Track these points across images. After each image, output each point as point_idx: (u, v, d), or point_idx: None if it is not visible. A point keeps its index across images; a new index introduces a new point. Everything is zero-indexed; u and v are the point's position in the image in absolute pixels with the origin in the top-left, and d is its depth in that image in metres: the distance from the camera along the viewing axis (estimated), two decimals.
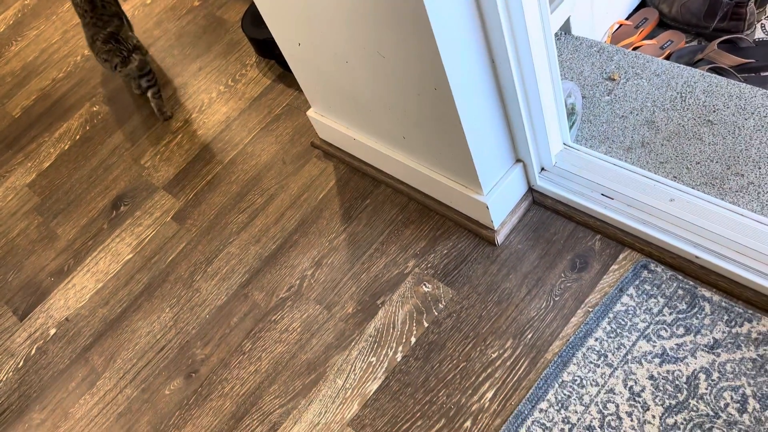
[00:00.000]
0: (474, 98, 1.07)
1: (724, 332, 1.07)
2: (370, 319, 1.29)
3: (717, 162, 1.24)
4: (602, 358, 1.10)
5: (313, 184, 1.56)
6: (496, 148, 1.19)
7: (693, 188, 1.20)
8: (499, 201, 1.25)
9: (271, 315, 1.37)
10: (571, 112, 1.36)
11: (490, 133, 1.15)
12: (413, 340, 1.24)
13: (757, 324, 1.06)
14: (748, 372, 1.03)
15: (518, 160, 1.26)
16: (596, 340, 1.12)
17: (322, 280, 1.38)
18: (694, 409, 1.02)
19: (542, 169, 1.28)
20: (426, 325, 1.25)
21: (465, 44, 1.00)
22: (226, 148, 1.72)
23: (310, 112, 1.53)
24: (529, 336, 1.17)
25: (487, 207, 1.23)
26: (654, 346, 1.09)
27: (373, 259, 1.38)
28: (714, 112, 1.31)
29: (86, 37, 1.84)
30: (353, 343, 1.27)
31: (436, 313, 1.26)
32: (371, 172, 1.49)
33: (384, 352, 1.25)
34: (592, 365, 1.10)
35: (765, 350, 1.04)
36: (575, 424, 1.06)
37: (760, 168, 1.22)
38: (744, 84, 1.34)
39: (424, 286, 1.30)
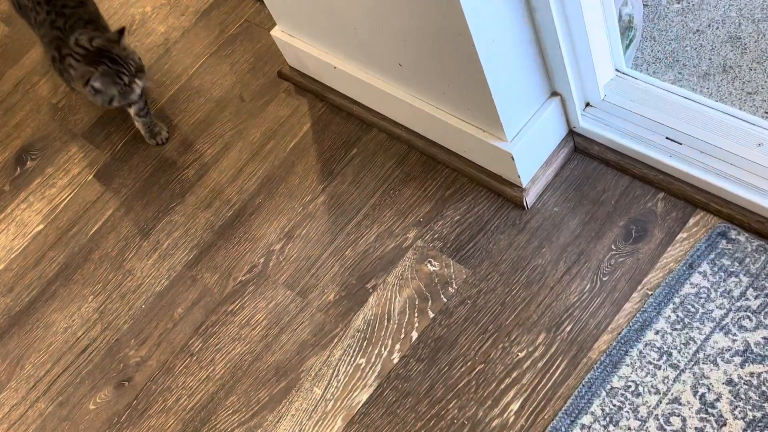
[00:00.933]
0: (490, 7, 1.05)
1: None
2: (357, 308, 1.30)
3: None
4: (665, 358, 1.10)
5: (281, 128, 1.55)
6: (523, 77, 1.18)
7: None
8: (528, 149, 1.24)
9: (228, 304, 1.38)
10: (627, 27, 1.34)
11: (514, 56, 1.13)
12: (415, 335, 1.25)
13: None
14: None
15: (554, 94, 1.24)
16: (657, 333, 1.12)
17: (295, 257, 1.38)
18: None
19: (587, 104, 1.27)
20: (432, 315, 1.25)
21: None
22: (165, 82, 1.71)
23: (275, 32, 1.51)
24: (568, 329, 1.17)
25: (512, 157, 1.22)
26: (734, 341, 1.09)
27: (361, 228, 1.37)
28: None
29: (46, 52, 1.54)
30: (336, 341, 1.28)
31: (446, 300, 1.26)
32: (358, 111, 1.48)
33: (376, 351, 1.25)
34: (651, 367, 1.10)
35: None
36: None
37: None
38: None
39: (429, 264, 1.30)
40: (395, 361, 1.23)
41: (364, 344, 1.26)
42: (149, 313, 1.41)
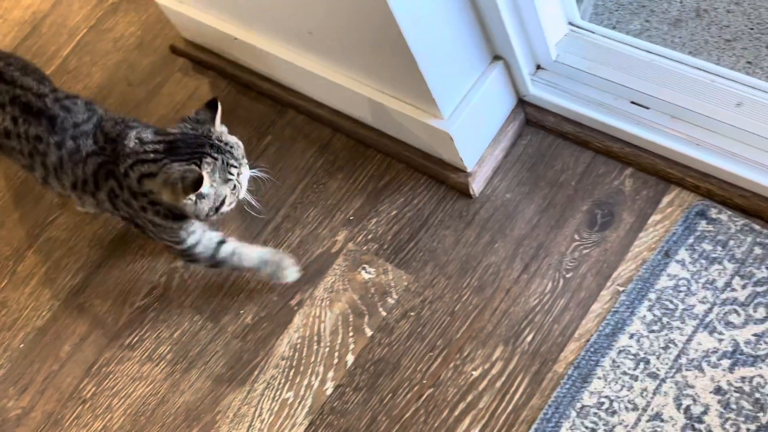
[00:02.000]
0: None
1: None
2: (281, 331, 1.30)
3: None
4: (642, 366, 1.11)
5: (178, 115, 1.52)
6: (455, 39, 1.17)
7: None
8: (470, 126, 1.24)
9: (125, 337, 1.37)
10: None
11: (442, 14, 1.13)
12: (350, 359, 1.25)
13: None
14: None
15: (497, 58, 1.24)
16: (632, 337, 1.13)
17: (202, 273, 1.38)
18: None
19: (537, 67, 1.27)
20: (369, 333, 1.26)
21: None
22: (35, 63, 1.66)
23: None
24: (529, 338, 1.18)
25: (451, 137, 1.22)
26: (721, 341, 1.10)
27: (280, 233, 1.37)
28: None
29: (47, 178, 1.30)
30: (257, 373, 1.28)
31: (385, 314, 1.26)
32: (270, 90, 1.48)
33: (306, 381, 1.25)
34: (626, 378, 1.11)
35: None
36: None
37: None
38: None
39: (363, 272, 1.30)
40: (329, 392, 1.23)
41: (291, 374, 1.26)
42: (29, 354, 1.40)
